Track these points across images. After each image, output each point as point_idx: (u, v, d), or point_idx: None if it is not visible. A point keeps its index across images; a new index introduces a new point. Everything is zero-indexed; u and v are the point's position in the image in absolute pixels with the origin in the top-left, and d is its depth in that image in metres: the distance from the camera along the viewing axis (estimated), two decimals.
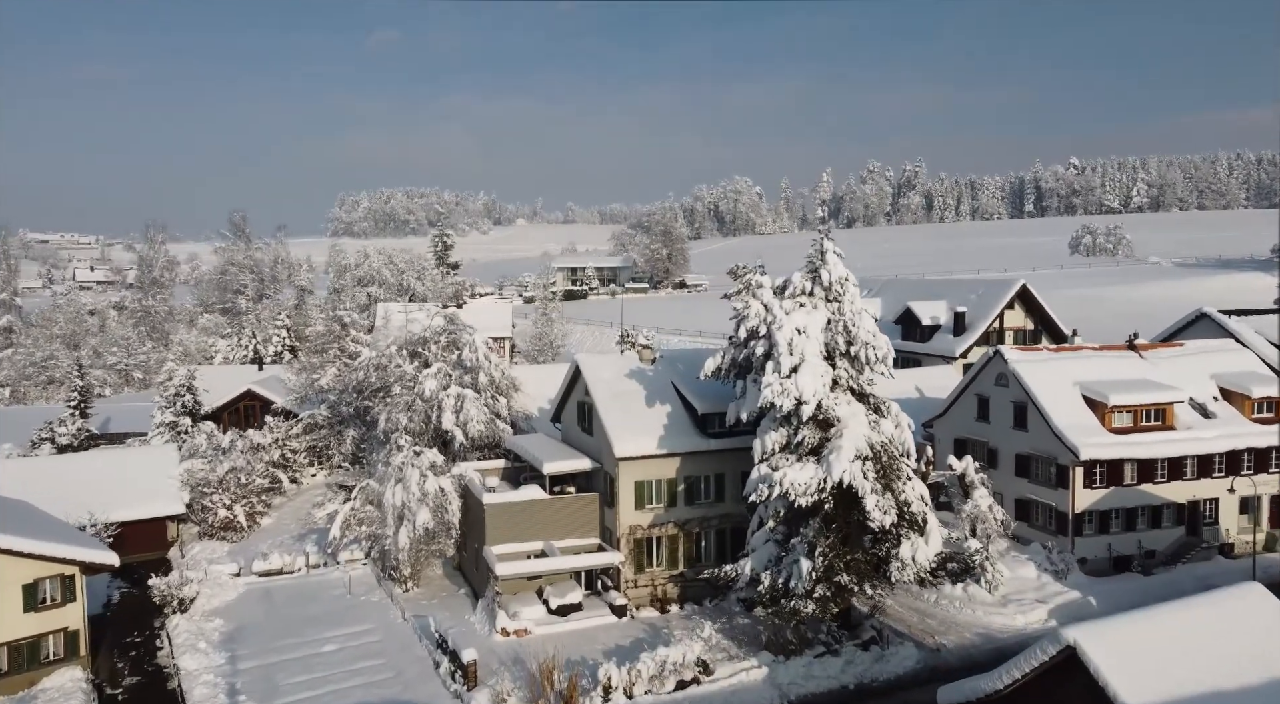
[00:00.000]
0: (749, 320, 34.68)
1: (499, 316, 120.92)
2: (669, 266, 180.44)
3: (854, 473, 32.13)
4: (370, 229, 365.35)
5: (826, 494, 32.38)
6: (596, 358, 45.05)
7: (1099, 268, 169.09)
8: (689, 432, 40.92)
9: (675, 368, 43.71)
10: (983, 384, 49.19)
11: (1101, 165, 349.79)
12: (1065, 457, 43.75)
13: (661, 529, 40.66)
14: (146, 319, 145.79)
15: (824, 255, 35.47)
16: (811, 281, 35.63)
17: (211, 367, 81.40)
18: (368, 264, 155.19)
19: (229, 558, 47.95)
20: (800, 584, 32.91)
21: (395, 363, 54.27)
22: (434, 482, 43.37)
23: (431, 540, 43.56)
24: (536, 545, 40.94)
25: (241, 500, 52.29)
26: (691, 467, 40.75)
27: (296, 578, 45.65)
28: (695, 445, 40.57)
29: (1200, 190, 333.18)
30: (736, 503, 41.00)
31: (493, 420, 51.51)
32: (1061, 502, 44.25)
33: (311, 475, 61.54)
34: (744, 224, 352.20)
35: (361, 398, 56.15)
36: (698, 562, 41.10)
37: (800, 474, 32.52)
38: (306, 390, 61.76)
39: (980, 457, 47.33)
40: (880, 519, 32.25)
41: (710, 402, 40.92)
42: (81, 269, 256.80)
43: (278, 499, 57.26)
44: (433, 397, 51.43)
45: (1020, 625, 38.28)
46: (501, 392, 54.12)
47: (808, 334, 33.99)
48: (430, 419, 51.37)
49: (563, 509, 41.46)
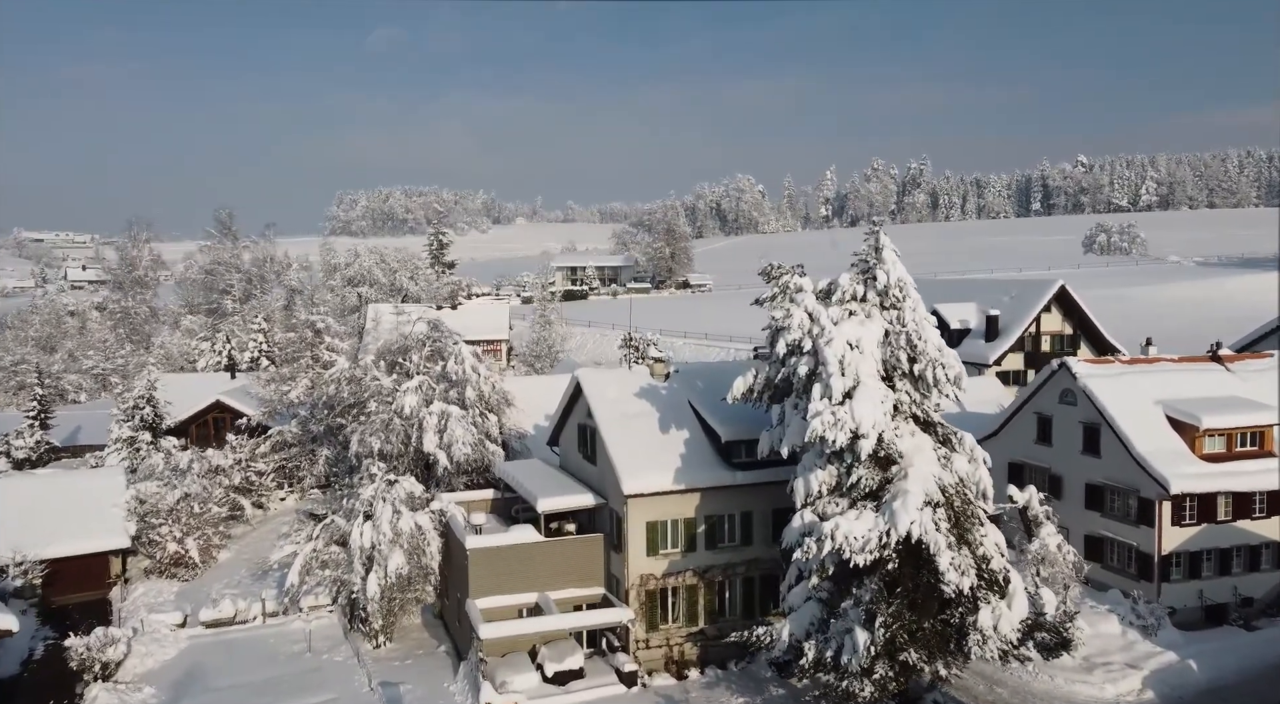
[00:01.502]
0: (790, 332, 28.20)
1: (495, 318, 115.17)
2: (672, 266, 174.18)
3: (924, 524, 25.73)
4: (368, 228, 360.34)
5: (890, 551, 25.95)
6: (600, 374, 38.57)
7: (1117, 267, 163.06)
8: (711, 462, 34.47)
9: (693, 385, 37.26)
10: (1044, 401, 42.78)
11: (1110, 163, 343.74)
12: (1150, 489, 37.35)
13: (678, 578, 34.23)
14: (126, 321, 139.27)
15: (879, 252, 29.06)
16: (864, 284, 29.22)
17: (179, 375, 74.88)
18: (358, 263, 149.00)
19: (175, 603, 41.51)
20: (855, 660, 26.50)
21: (371, 375, 47.80)
22: (409, 519, 36.93)
23: (407, 587, 37.15)
24: (530, 597, 34.50)
25: (195, 532, 45.81)
26: (714, 504, 34.31)
27: (251, 630, 39.18)
28: (718, 479, 34.12)
29: (1210, 188, 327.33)
30: (767, 546, 34.63)
31: (481, 442, 45.10)
32: (1144, 541, 37.83)
33: (280, 500, 55.07)
34: (747, 223, 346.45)
35: (333, 415, 49.68)
36: (721, 617, 34.67)
37: (856, 525, 26.10)
38: (275, 404, 55.29)
39: (1041, 485, 40.89)
40: (956, 581, 25.86)
41: (736, 426, 34.48)
42: (74, 268, 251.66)
43: (239, 528, 50.80)
44: (413, 414, 45.01)
45: (1111, 698, 31.83)
46: (492, 408, 47.71)
47: (861, 349, 27.57)
48: (410, 440, 44.99)
49: (561, 554, 35.02)
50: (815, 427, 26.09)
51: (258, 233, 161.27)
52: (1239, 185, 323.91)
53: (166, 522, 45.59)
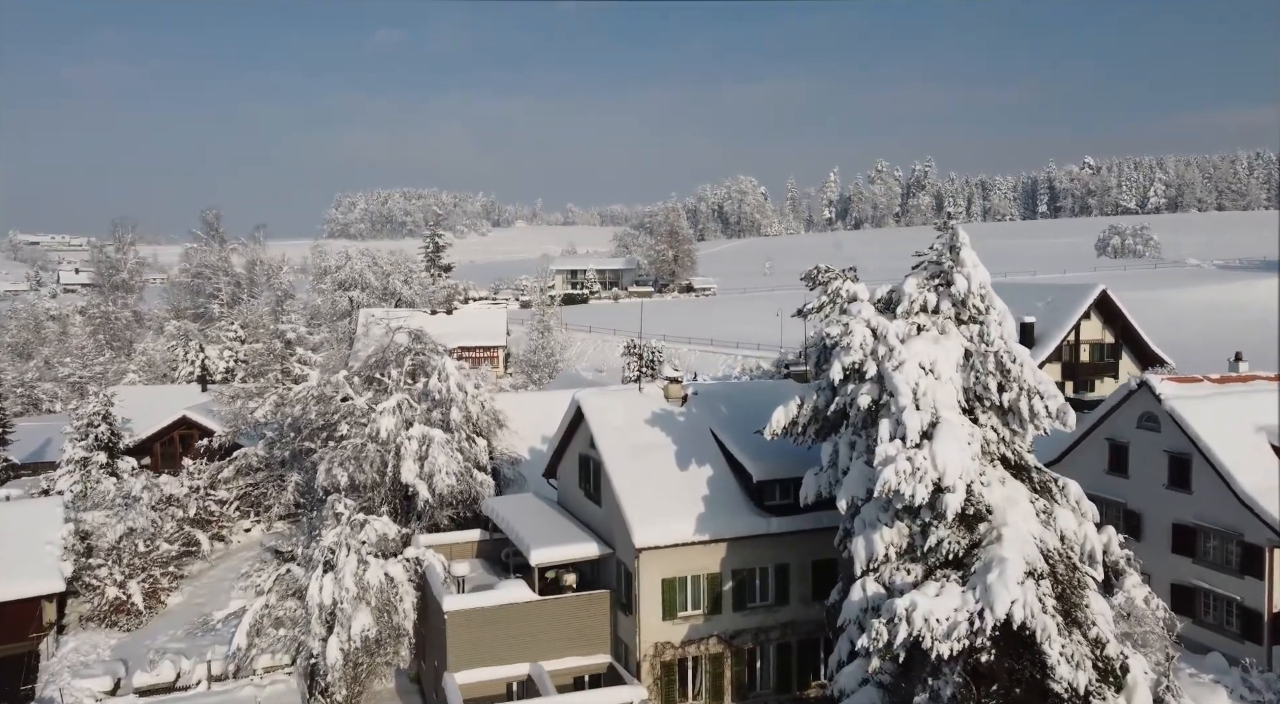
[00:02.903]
0: (849, 353, 22.31)
1: (492, 324, 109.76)
2: (675, 268, 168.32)
3: (1027, 603, 19.86)
4: (366, 230, 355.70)
5: (985, 638, 20.07)
6: (606, 396, 32.57)
7: (1134, 270, 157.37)
8: (739, 506, 28.61)
9: (715, 410, 31.38)
10: (1119, 425, 36.93)
11: (1118, 165, 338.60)
12: (1257, 533, 31.49)
13: (700, 646, 28.35)
14: (106, 326, 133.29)
15: (957, 252, 23.21)
16: (935, 292, 23.39)
17: (145, 387, 69.09)
18: (349, 266, 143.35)
19: (109, 662, 35.60)
20: None
21: (343, 393, 41.90)
22: (378, 569, 31.00)
23: (376, 651, 31.24)
24: (520, 669, 28.60)
25: (140, 574, 39.95)
26: (743, 556, 28.43)
27: (193, 698, 33.25)
28: (749, 527, 28.26)
29: (1220, 190, 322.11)
30: (805, 605, 28.82)
31: (468, 471, 39.20)
32: (1250, 595, 31.95)
33: (245, 531, 49.16)
34: (749, 225, 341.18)
35: (300, 438, 43.80)
36: (752, 691, 28.81)
37: (938, 604, 20.21)
38: (239, 423, 49.41)
39: (1115, 523, 35.01)
40: (1069, 676, 20.00)
41: (771, 463, 28.63)
42: (66, 272, 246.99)
43: (196, 565, 44.90)
44: (390, 438, 39.09)
45: None
46: (481, 431, 41.80)
47: (938, 375, 21.74)
48: (386, 468, 39.11)
49: (559, 615, 29.07)
50: (887, 478, 20.21)
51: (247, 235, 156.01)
52: (1249, 187, 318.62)
53: (106, 562, 39.73)
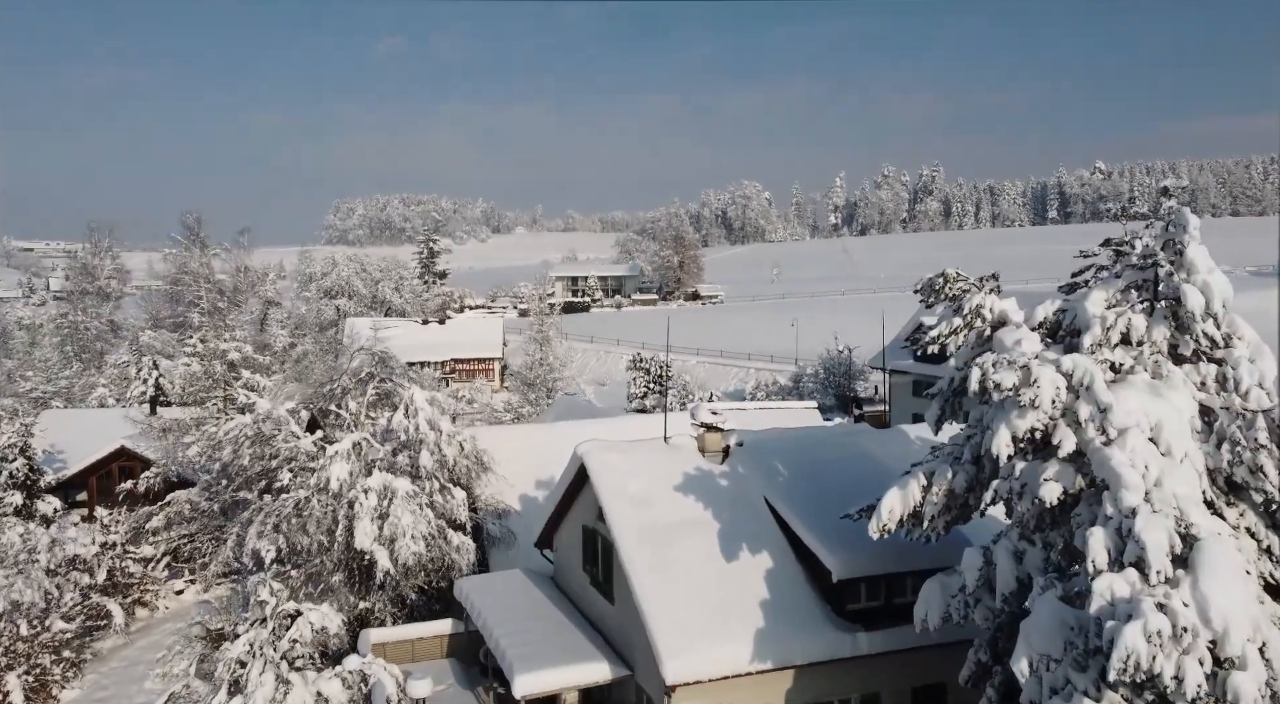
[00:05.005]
0: (1029, 413, 13.78)
1: (488, 334, 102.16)
2: (680, 276, 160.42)
3: None
4: (365, 237, 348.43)
5: None
6: (618, 452, 23.51)
7: None
8: (809, 614, 20.05)
9: (768, 470, 22.80)
10: None
11: (1129, 170, 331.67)
12: None
13: None
14: (75, 336, 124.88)
15: (1181, 252, 14.79)
16: (1146, 311, 14.97)
17: (82, 410, 60.71)
18: (336, 273, 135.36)
19: None
20: None
21: (287, 432, 33.34)
22: (304, 692, 22.47)
23: None
24: None
25: (22, 663, 31.43)
26: (818, 686, 19.86)
27: None
28: (827, 648, 19.68)
29: (1234, 195, 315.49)
30: None
31: (440, 532, 30.57)
32: None
33: (177, 593, 40.54)
34: (753, 231, 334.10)
35: (233, 487, 35.28)
36: None
37: None
38: (168, 463, 40.96)
39: None
40: None
41: (856, 551, 20.07)
42: (57, 279, 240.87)
43: (107, 642, 36.23)
44: (343, 490, 30.57)
45: None
46: (459, 479, 33.18)
47: (1167, 448, 13.30)
48: (337, 527, 30.58)
49: None
50: (1133, 647, 11.55)
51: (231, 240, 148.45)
52: (1264, 192, 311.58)
53: None
